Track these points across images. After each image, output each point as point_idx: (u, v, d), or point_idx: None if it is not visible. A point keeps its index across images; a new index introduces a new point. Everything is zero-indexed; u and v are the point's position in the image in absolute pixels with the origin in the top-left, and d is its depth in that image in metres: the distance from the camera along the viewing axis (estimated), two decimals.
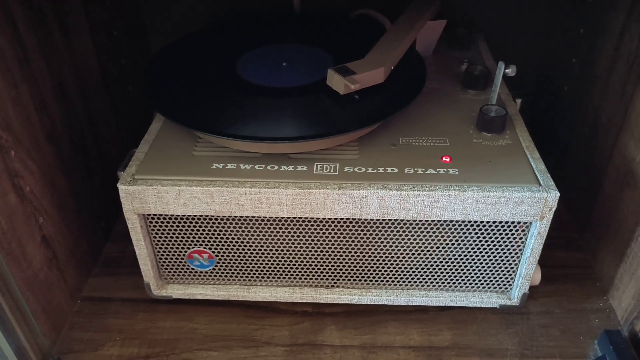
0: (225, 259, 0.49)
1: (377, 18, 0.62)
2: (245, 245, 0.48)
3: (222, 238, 0.47)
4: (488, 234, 0.46)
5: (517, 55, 0.71)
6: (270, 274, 0.50)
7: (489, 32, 0.68)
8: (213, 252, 0.48)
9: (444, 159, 0.46)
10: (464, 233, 0.46)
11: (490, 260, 0.47)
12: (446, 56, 0.62)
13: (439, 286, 0.50)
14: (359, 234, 0.47)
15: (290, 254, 0.48)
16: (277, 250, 0.48)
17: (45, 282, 0.47)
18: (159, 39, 0.72)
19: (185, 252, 0.49)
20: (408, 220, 0.45)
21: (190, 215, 0.46)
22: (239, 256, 0.49)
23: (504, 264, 0.47)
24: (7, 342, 0.42)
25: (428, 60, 0.60)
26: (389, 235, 0.46)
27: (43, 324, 0.47)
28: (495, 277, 0.49)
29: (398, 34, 0.54)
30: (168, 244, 0.48)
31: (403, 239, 0.47)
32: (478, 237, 0.46)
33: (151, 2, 0.69)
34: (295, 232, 0.47)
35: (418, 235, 0.46)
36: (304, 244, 0.47)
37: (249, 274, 0.50)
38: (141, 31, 0.70)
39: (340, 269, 0.49)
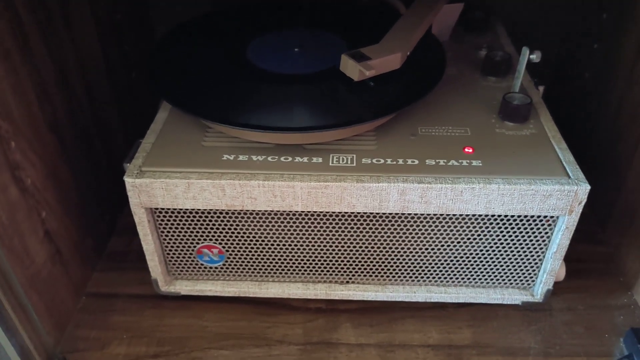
0: (236, 254, 0.47)
1: (391, 2, 0.59)
2: (257, 240, 0.46)
3: (233, 232, 0.45)
4: (512, 228, 0.43)
5: (534, 39, 0.68)
6: (283, 270, 0.48)
7: (506, 15, 0.66)
8: (223, 247, 0.46)
9: (466, 149, 0.43)
10: (487, 227, 0.44)
11: (514, 255, 0.45)
12: (462, 41, 0.59)
13: (459, 282, 0.48)
14: (376, 228, 0.44)
15: (304, 249, 0.46)
16: (290, 245, 0.46)
17: (48, 279, 0.46)
18: (163, 24, 0.70)
19: (195, 247, 0.47)
20: (429, 214, 0.43)
21: (200, 209, 0.44)
22: (250, 251, 0.47)
23: (528, 259, 0.45)
24: (9, 343, 0.40)
25: (444, 46, 0.58)
26: (407, 229, 0.44)
27: (47, 323, 0.45)
28: (518, 273, 0.47)
29: (414, 18, 0.52)
30: (176, 239, 0.46)
31: (423, 234, 0.44)
32: (502, 232, 0.44)
33: None
34: (309, 227, 0.45)
35: (439, 230, 0.44)
36: (319, 238, 0.45)
37: (260, 269, 0.48)
38: (144, 15, 0.68)
39: (356, 265, 0.47)
